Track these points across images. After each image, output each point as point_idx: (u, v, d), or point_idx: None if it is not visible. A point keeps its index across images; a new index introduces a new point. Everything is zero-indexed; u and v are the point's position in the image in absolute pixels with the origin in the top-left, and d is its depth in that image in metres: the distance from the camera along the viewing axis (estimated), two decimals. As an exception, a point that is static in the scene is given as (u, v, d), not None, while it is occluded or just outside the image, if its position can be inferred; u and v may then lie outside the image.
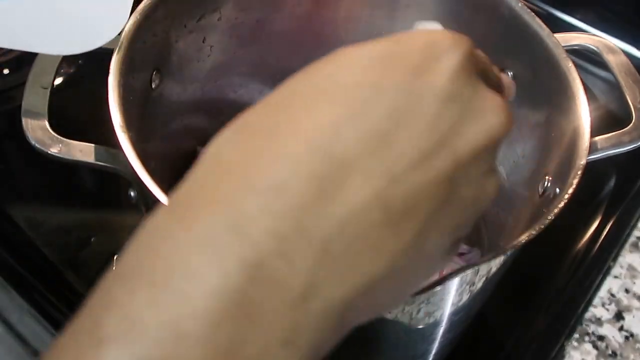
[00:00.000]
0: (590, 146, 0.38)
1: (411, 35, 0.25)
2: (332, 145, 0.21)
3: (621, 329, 0.49)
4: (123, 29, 0.39)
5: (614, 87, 0.44)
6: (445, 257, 0.25)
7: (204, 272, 0.19)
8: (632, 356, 0.48)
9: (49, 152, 0.38)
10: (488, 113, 0.24)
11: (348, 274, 0.21)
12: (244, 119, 0.23)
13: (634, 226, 0.55)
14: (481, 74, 0.25)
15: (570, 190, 0.36)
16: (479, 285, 0.38)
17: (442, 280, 0.33)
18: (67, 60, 0.41)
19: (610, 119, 0.59)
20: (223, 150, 0.22)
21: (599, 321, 0.49)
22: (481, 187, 0.25)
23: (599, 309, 0.50)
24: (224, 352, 0.18)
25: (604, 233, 0.55)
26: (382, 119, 0.22)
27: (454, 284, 0.35)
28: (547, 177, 0.41)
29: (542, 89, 0.43)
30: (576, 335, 0.49)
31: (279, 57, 0.52)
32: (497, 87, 0.27)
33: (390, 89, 0.23)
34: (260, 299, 0.19)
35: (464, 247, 0.54)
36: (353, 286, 0.21)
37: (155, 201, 0.33)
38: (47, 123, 0.39)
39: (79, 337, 0.19)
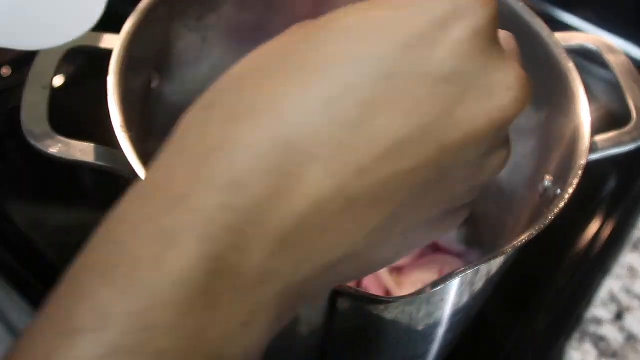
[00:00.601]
0: (590, 146, 0.38)
1: None
2: (297, 136, 0.21)
3: (621, 329, 0.49)
4: (123, 28, 0.39)
5: (614, 87, 0.44)
6: (440, 225, 0.25)
7: (170, 265, 0.20)
8: (632, 357, 0.48)
9: (49, 152, 0.38)
10: (496, 90, 0.22)
11: (305, 259, 0.21)
12: (212, 95, 0.23)
13: (634, 226, 0.54)
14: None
15: (571, 190, 0.36)
16: (479, 285, 0.38)
17: (442, 281, 0.33)
18: (67, 60, 0.41)
19: (610, 119, 0.59)
20: (189, 135, 0.22)
21: (599, 321, 0.49)
22: (479, 166, 0.24)
23: (599, 309, 0.50)
24: (190, 338, 0.19)
25: (604, 233, 0.55)
26: (357, 105, 0.21)
27: (454, 284, 0.35)
28: (547, 177, 0.41)
29: (542, 89, 0.43)
30: (576, 335, 0.48)
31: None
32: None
33: (373, 68, 0.21)
34: (220, 288, 0.20)
35: (463, 247, 0.54)
36: (311, 269, 0.21)
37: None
38: (47, 123, 0.38)
39: (53, 327, 0.20)
